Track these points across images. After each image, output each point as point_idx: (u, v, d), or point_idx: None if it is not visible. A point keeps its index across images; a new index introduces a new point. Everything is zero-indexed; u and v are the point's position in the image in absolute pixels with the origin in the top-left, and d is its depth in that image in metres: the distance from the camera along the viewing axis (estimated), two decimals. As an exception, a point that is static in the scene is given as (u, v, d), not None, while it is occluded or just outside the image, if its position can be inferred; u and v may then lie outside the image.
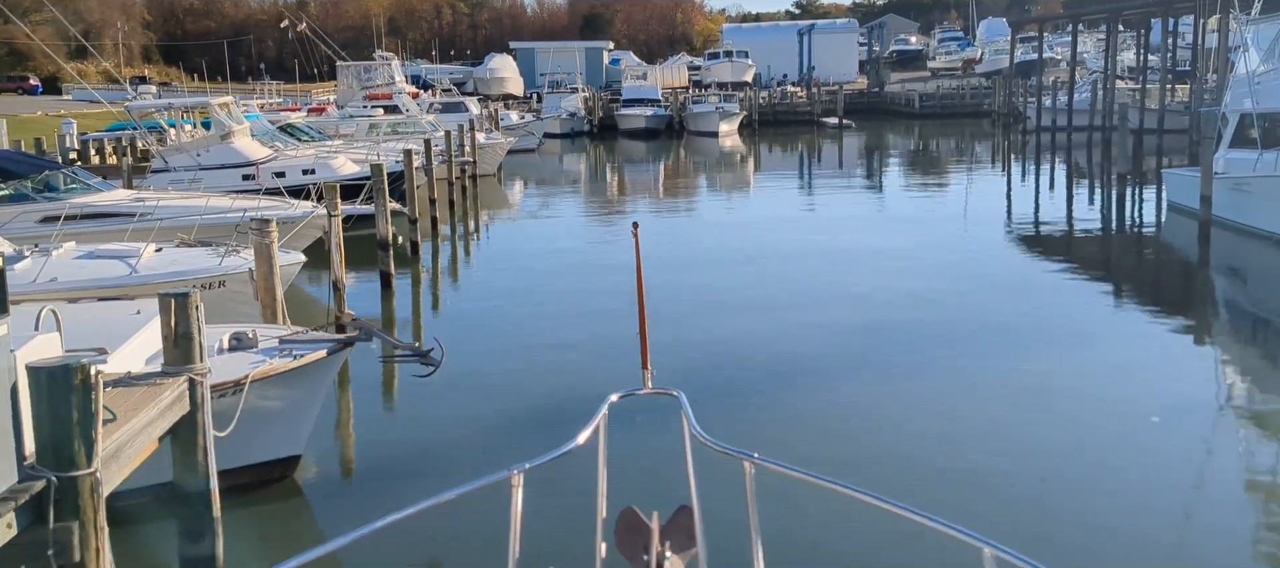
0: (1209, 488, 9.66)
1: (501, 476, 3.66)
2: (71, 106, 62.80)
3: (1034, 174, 41.52)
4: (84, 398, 5.80)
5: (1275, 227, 20.75)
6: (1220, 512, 9.05)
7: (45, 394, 5.75)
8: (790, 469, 3.69)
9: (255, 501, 9.12)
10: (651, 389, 4.72)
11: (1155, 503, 9.15)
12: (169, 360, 7.60)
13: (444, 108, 49.81)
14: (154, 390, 7.23)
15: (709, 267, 21.25)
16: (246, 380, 8.43)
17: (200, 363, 7.57)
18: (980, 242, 24.35)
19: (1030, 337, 15.06)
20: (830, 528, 8.14)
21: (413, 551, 8.29)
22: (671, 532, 3.96)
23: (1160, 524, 8.77)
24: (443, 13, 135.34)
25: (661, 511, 4.06)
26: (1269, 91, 21.92)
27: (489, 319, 17.40)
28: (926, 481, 9.56)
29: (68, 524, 5.78)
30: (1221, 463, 10.31)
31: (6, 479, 5.66)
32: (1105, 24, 57.79)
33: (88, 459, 5.84)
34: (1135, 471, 9.89)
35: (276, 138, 28.64)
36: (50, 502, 5.73)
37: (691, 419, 4.13)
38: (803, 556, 7.99)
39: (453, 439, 10.89)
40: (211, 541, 7.72)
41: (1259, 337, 16.20)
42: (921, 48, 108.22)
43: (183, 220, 15.46)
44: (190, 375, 7.50)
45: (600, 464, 4.13)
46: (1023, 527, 8.57)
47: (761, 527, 3.67)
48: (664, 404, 4.56)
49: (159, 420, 7.09)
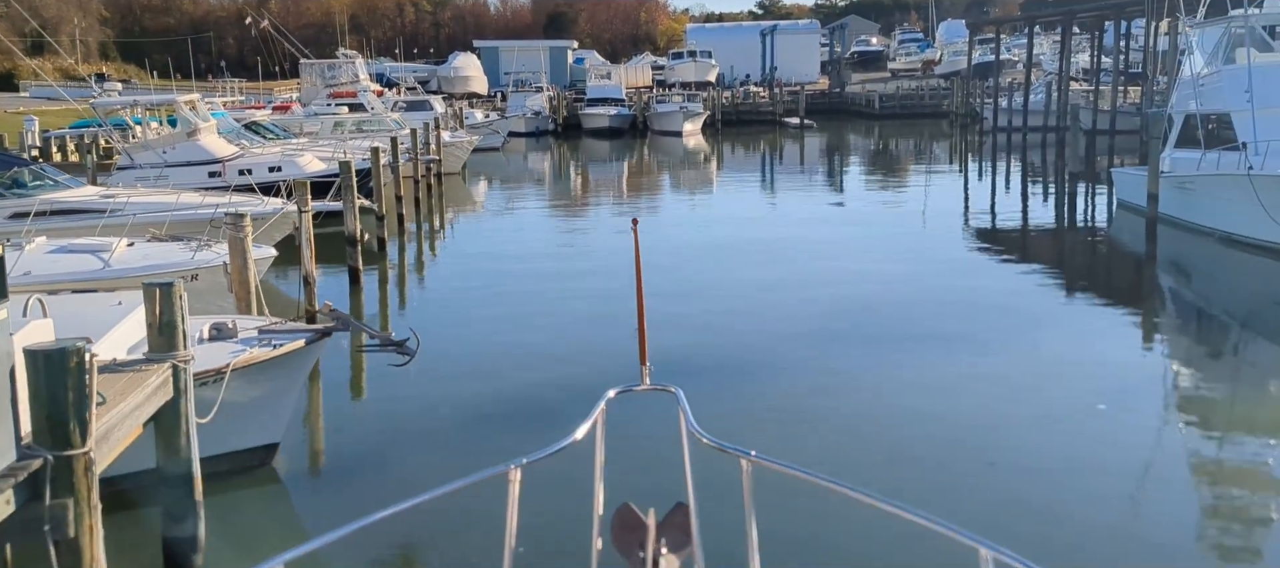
0: (1152, 471, 10.09)
1: (499, 470, 3.67)
2: (30, 104, 62.05)
3: (991, 174, 42.32)
4: (78, 380, 6.06)
5: (1216, 223, 21.50)
6: (1162, 493, 9.49)
7: (42, 376, 6.02)
8: (788, 468, 3.68)
9: (235, 486, 9.37)
10: (650, 386, 4.73)
11: (1100, 484, 9.55)
12: (153, 348, 7.85)
13: (409, 106, 49.84)
14: (140, 376, 7.49)
15: (678, 261, 21.64)
16: (227, 369, 8.69)
17: (184, 350, 7.84)
18: (937, 238, 24.92)
19: (983, 329, 15.54)
20: (827, 527, 8.25)
21: (409, 544, 8.46)
22: (668, 529, 3.93)
23: (1104, 505, 9.14)
24: (405, 11, 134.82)
25: (658, 507, 4.00)
26: (1212, 94, 22.68)
27: (456, 312, 17.68)
28: (878, 464, 9.99)
29: (63, 501, 6.05)
30: (1164, 446, 10.79)
31: (5, 457, 5.92)
32: (1060, 27, 58.87)
33: (82, 439, 6.11)
34: (1082, 453, 10.33)
35: (242, 135, 28.68)
36: (46, 480, 6.00)
37: (689, 416, 4.15)
38: (800, 554, 8.08)
39: (425, 428, 11.20)
40: (194, 523, 8.00)
41: (1201, 328, 16.83)
42: (882, 49, 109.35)
43: (154, 216, 15.60)
44: (174, 362, 7.77)
45: (597, 460, 4.14)
46: (974, 509, 8.99)
47: (758, 525, 3.71)
48: (663, 401, 4.53)
49: (145, 405, 7.35)
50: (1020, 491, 9.42)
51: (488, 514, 6.69)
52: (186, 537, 7.95)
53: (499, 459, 3.54)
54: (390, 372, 10.67)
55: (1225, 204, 20.97)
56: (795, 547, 8.08)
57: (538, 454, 3.83)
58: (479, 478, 3.71)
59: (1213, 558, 8.46)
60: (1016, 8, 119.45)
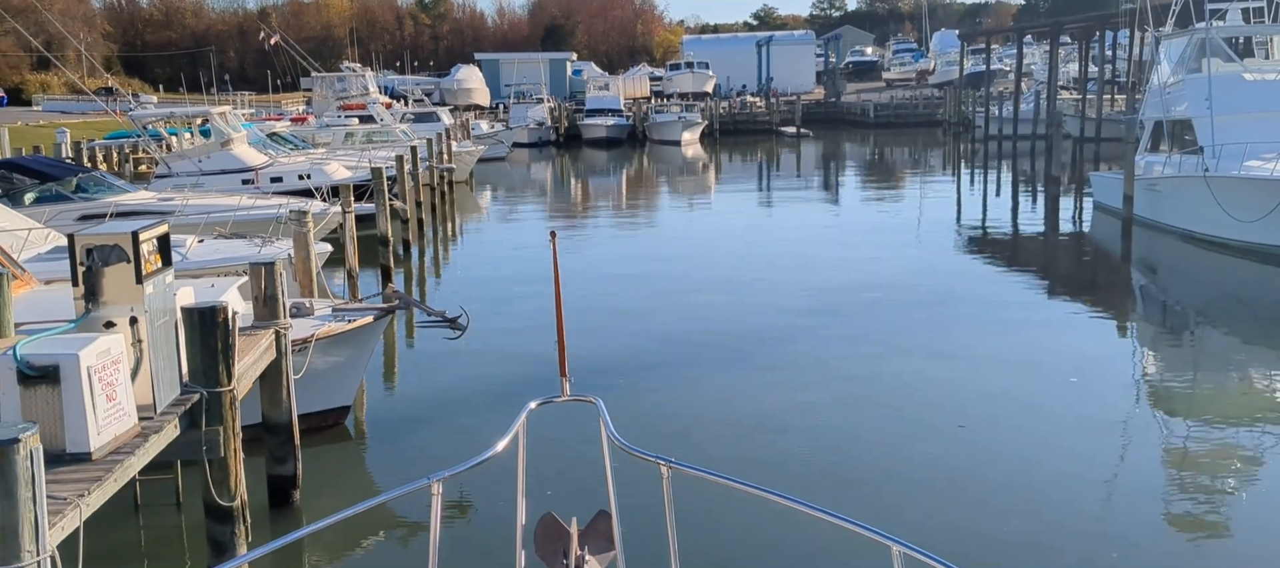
0: (1118, 439, 11.17)
1: (420, 484, 3.60)
2: (45, 117, 63.54)
3: (982, 180, 43.92)
4: (224, 332, 7.64)
5: (1179, 222, 23.15)
6: (1129, 465, 10.52)
7: (197, 329, 7.58)
8: (705, 473, 3.70)
9: (315, 442, 10.92)
10: (570, 396, 4.70)
11: (1069, 447, 10.68)
12: (258, 316, 9.44)
13: (417, 117, 51.47)
14: (252, 338, 9.06)
15: (667, 267, 23.20)
16: (313, 338, 10.25)
17: (283, 319, 9.41)
18: (928, 240, 26.43)
19: (960, 318, 17.10)
20: (745, 529, 8.56)
21: (331, 560, 8.70)
22: (590, 536, 4.08)
23: (1074, 463, 10.23)
24: (404, 23, 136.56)
25: (580, 515, 4.16)
26: (1176, 100, 24.37)
27: (488, 297, 19.20)
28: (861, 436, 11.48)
29: (215, 428, 7.61)
30: (1131, 422, 11.84)
31: (172, 392, 7.50)
32: (1050, 37, 60.59)
33: (227, 378, 7.68)
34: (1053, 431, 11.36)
35: (269, 146, 30.28)
36: (202, 411, 7.57)
37: (609, 425, 4.12)
38: (719, 556, 8.28)
39: (471, 395, 12.82)
40: (293, 464, 9.59)
41: (1168, 319, 18.38)
42: (877, 59, 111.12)
43: (218, 216, 17.19)
44: (277, 328, 9.34)
45: (519, 471, 4.11)
46: (954, 467, 10.26)
47: (678, 529, 3.77)
48: (583, 411, 4.63)
49: (259, 361, 8.93)
50: (990, 471, 10.20)
51: (409, 528, 7.87)
52: (288, 476, 9.54)
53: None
54: (444, 346, 12.24)
55: (1187, 204, 22.62)
56: (715, 549, 8.26)
57: (459, 467, 3.76)
58: (400, 492, 3.70)
59: (1176, 528, 9.16)
60: (1009, 18, 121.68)
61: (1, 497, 4.88)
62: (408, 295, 11.36)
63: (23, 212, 16.75)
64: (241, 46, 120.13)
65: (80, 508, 5.81)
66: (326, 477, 10.45)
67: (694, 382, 13.40)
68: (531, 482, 4.12)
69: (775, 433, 11.38)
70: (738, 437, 11.27)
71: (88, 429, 6.40)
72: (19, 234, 13.69)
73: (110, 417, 6.62)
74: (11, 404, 6.35)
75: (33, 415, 6.25)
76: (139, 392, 7.11)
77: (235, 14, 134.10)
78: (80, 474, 6.20)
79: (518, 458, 4.09)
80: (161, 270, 7.50)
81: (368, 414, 12.27)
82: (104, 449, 6.51)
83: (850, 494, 9.71)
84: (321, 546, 8.74)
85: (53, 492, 5.64)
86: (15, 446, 4.89)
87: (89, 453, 6.40)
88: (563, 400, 4.68)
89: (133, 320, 7.15)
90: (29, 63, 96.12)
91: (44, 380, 6.31)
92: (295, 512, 9.41)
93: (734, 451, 10.84)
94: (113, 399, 6.65)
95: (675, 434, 11.23)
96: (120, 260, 7.08)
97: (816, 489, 9.67)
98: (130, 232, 7.12)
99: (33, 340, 6.53)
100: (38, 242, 14.08)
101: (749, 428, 11.56)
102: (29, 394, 6.33)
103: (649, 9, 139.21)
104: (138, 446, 6.77)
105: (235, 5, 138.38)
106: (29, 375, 6.31)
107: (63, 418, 6.34)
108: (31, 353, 6.34)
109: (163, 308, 7.50)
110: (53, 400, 6.32)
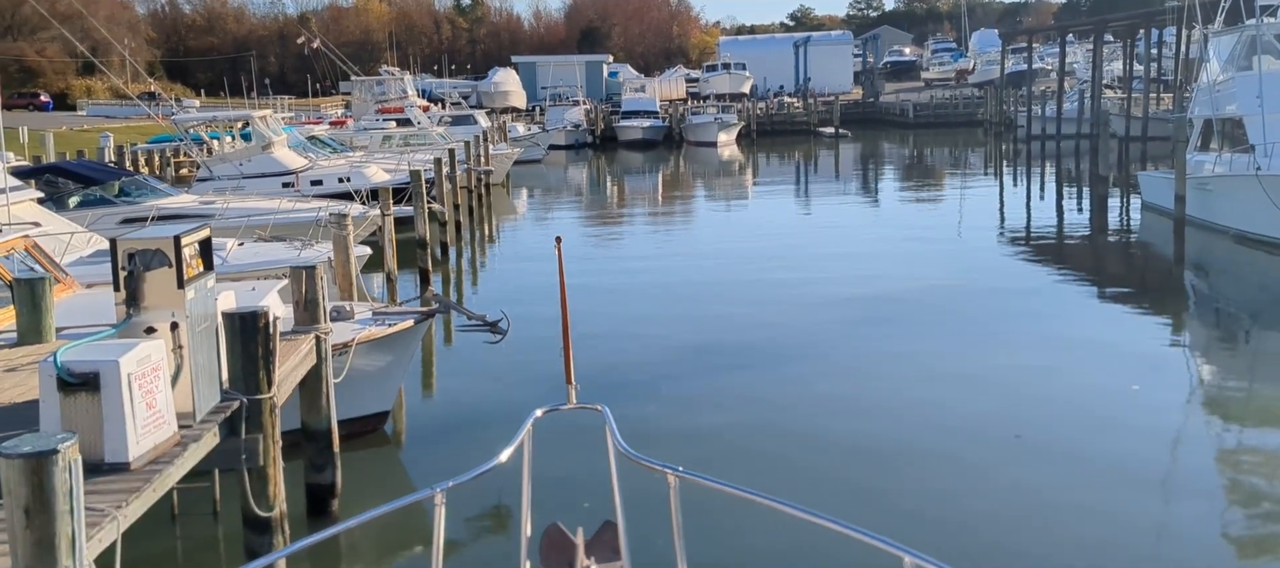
0: (1189, 452, 10.74)
1: (424, 494, 3.55)
2: (89, 122, 64.42)
3: (1025, 180, 43.29)
4: (264, 338, 7.53)
5: (1230, 222, 22.61)
6: (1191, 472, 10.16)
7: (237, 335, 7.48)
8: (713, 482, 3.64)
9: (354, 448, 10.81)
10: (576, 404, 4.62)
11: (1139, 459, 10.28)
12: (299, 321, 9.34)
13: (454, 120, 51.61)
14: (292, 343, 8.95)
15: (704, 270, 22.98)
16: (353, 343, 10.15)
17: (324, 324, 9.30)
18: (972, 243, 26.06)
19: (1009, 322, 16.74)
20: (754, 540, 8.42)
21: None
22: (596, 547, 4.01)
23: (1147, 477, 9.89)
24: (442, 27, 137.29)
25: (586, 525, 4.12)
26: (1226, 98, 23.82)
27: (525, 300, 19.06)
28: (917, 437, 11.21)
29: (254, 436, 7.50)
30: (1203, 435, 11.46)
31: (212, 399, 7.39)
32: (1093, 35, 59.70)
33: (268, 385, 7.57)
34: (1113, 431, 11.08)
35: (309, 149, 30.41)
36: (242, 418, 7.46)
37: (616, 434, 4.05)
38: (726, 567, 8.15)
39: (512, 401, 12.62)
40: (332, 473, 9.46)
41: (1226, 323, 17.85)
42: (915, 59, 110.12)
43: (258, 219, 17.21)
44: (317, 333, 9.24)
45: (525, 480, 4.03)
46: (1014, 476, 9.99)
47: (685, 539, 3.67)
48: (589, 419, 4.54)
49: (300, 366, 8.82)
50: (1053, 484, 9.71)
51: (414, 539, 7.60)
52: (326, 484, 9.42)
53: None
54: (482, 349, 12.09)
55: (1239, 204, 22.08)
56: (723, 561, 8.14)
57: (463, 477, 3.70)
58: (404, 503, 3.65)
59: (1235, 538, 8.84)
60: (1049, 17, 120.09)
61: (39, 510, 4.77)
62: (448, 299, 11.24)
63: (66, 215, 16.87)
64: (282, 51, 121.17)
65: (118, 521, 5.70)
66: (366, 484, 10.32)
67: (731, 390, 13.13)
68: (537, 491, 4.04)
69: (824, 447, 11.06)
70: (779, 449, 10.99)
71: (127, 438, 6.30)
72: (61, 238, 13.75)
73: (150, 425, 6.51)
74: (52, 412, 6.26)
75: (72, 424, 6.16)
76: (179, 398, 7.00)
77: (275, 19, 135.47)
78: (118, 485, 6.10)
79: (523, 467, 4.01)
80: (203, 275, 7.40)
81: (407, 419, 12.16)
82: (143, 459, 6.41)
83: (904, 513, 9.25)
84: (325, 558, 8.58)
85: (91, 503, 5.53)
86: (54, 457, 4.78)
87: (128, 463, 6.29)
88: (569, 408, 4.61)
89: (173, 326, 7.05)
90: (74, 68, 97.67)
91: (84, 388, 6.22)
92: (333, 522, 9.27)
93: (773, 466, 10.49)
94: (152, 407, 6.54)
95: (719, 445, 11.04)
96: (162, 265, 6.98)
97: (868, 510, 9.18)
98: (172, 236, 7.02)
99: (73, 347, 6.44)
100: (80, 245, 14.13)
101: (794, 440, 11.30)
102: (69, 402, 6.24)
103: (685, 10, 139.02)
104: (176, 455, 6.66)
105: (276, 10, 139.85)
106: (69, 383, 6.21)
107: (102, 427, 6.24)
108: (72, 360, 6.25)
109: (204, 313, 7.40)
110: (92, 409, 6.22)
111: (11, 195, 13.23)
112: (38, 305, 9.31)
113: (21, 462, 4.76)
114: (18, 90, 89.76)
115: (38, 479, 4.78)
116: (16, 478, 4.77)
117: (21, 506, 4.79)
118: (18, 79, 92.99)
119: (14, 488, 4.78)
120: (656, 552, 4.06)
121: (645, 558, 3.95)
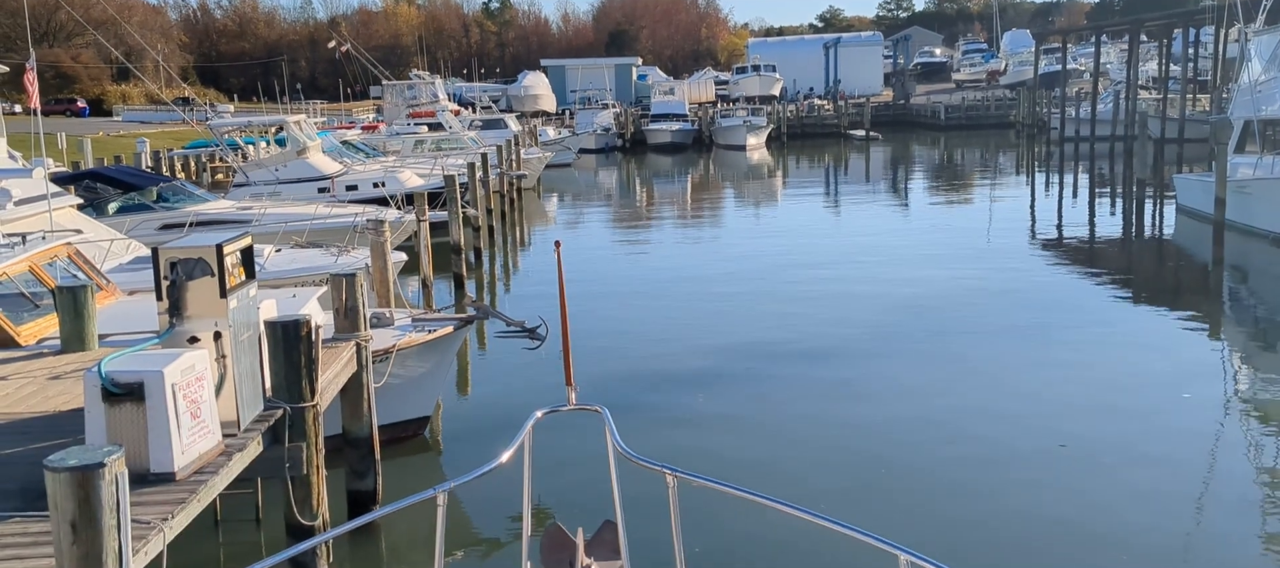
0: (1240, 458, 10.55)
1: (425, 495, 3.63)
2: (125, 127, 65.07)
3: (1058, 183, 42.78)
4: (307, 346, 7.48)
5: (1273, 226, 22.16)
6: (1238, 480, 9.97)
7: (280, 343, 7.43)
8: (710, 482, 3.68)
9: (395, 454, 10.76)
10: (576, 405, 4.68)
11: (1200, 470, 10.12)
12: (339, 328, 9.29)
13: (485, 125, 51.68)
14: (333, 351, 8.91)
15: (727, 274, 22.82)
16: (394, 349, 10.10)
17: (364, 331, 9.25)
18: (1006, 246, 25.70)
19: (1047, 328, 16.45)
20: (752, 540, 8.37)
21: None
22: (596, 546, 4.09)
23: (1212, 489, 9.69)
24: (470, 31, 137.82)
25: (586, 525, 4.20)
26: (1268, 99, 23.36)
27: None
28: (961, 445, 11.03)
29: (298, 445, 7.45)
30: (1236, 439, 11.24)
31: (255, 408, 7.35)
32: (1128, 35, 58.97)
33: (311, 394, 7.52)
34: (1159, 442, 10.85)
35: (343, 154, 30.51)
36: (285, 427, 7.41)
37: (615, 434, 4.09)
38: (725, 566, 8.14)
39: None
40: (373, 479, 9.41)
41: (1273, 331, 17.46)
42: (946, 60, 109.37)
43: (295, 225, 17.24)
44: (357, 340, 9.19)
45: (525, 481, 4.12)
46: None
47: (684, 539, 3.72)
48: (588, 420, 4.58)
49: (341, 374, 8.77)
50: (1106, 498, 9.52)
51: (416, 539, 7.49)
52: (368, 491, 9.37)
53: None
54: (519, 355, 12.01)
55: (1278, 207, 21.64)
56: (721, 560, 8.15)
57: (464, 477, 3.82)
58: (405, 504, 3.75)
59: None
60: (1081, 17, 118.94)
61: (86, 524, 4.73)
62: (487, 305, 11.17)
63: (106, 221, 16.96)
64: (312, 55, 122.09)
65: (164, 533, 5.66)
66: (406, 491, 10.23)
67: (763, 396, 13.00)
68: (537, 491, 4.24)
69: (856, 457, 10.92)
70: (818, 458, 10.86)
71: (172, 449, 6.26)
72: (102, 245, 13.80)
73: (194, 435, 6.48)
74: (98, 422, 6.23)
75: (117, 434, 6.13)
76: (223, 407, 6.97)
77: (306, 24, 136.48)
78: (163, 496, 6.06)
79: (524, 468, 4.08)
80: (245, 283, 7.35)
81: (445, 425, 12.11)
82: (188, 469, 6.37)
83: (948, 525, 9.06)
84: (327, 559, 8.45)
85: (137, 515, 5.50)
86: (100, 470, 4.74)
87: (173, 473, 6.25)
88: (568, 410, 4.66)
89: (216, 335, 7.01)
90: (109, 74, 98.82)
91: (129, 398, 6.19)
92: (376, 529, 9.21)
93: (818, 476, 10.40)
94: (197, 417, 6.50)
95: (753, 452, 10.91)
96: (204, 274, 6.94)
97: (910, 524, 8.99)
98: (214, 245, 6.99)
99: (117, 357, 6.41)
100: (120, 252, 14.19)
101: (832, 448, 11.16)
102: (114, 412, 6.21)
103: (713, 12, 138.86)
104: (221, 464, 6.62)
105: (306, 15, 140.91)
106: (114, 393, 6.18)
107: (147, 437, 6.21)
108: (116, 370, 6.22)
109: (246, 322, 7.36)
110: (137, 419, 6.19)
111: (52, 201, 13.29)
112: (81, 313, 9.33)
113: (68, 475, 4.72)
114: (55, 96, 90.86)
115: (84, 493, 4.74)
116: (63, 492, 4.74)
117: (68, 519, 4.75)
118: (54, 85, 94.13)
119: (60, 502, 4.75)
120: (656, 551, 4.04)
121: (645, 558, 3.94)
